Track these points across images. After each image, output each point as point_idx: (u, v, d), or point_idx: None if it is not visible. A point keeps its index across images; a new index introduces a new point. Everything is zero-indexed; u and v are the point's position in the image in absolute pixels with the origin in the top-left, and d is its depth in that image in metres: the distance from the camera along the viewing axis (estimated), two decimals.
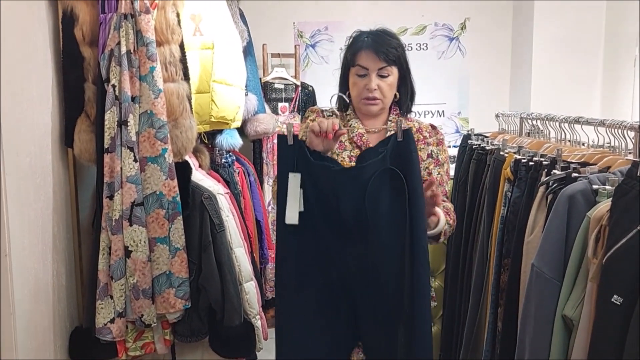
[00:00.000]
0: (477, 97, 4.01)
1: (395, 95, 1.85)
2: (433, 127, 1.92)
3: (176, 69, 2.05)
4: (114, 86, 1.93)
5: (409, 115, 1.92)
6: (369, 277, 1.66)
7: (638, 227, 1.25)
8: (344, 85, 1.88)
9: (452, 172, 2.41)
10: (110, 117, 1.93)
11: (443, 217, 1.74)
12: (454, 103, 4.08)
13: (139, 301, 1.99)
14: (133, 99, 1.96)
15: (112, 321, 1.97)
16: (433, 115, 4.05)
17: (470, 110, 4.06)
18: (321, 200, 1.66)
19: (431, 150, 1.86)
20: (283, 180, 1.66)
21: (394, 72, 1.80)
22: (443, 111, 4.07)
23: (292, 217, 1.64)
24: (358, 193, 1.62)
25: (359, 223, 1.64)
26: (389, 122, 1.85)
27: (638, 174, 1.29)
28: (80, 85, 2.01)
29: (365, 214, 1.62)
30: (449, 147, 3.68)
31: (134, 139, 1.96)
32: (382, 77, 1.78)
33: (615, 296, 1.28)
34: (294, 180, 1.64)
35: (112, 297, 1.98)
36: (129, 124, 1.94)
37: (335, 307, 1.70)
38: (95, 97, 1.99)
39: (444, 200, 1.84)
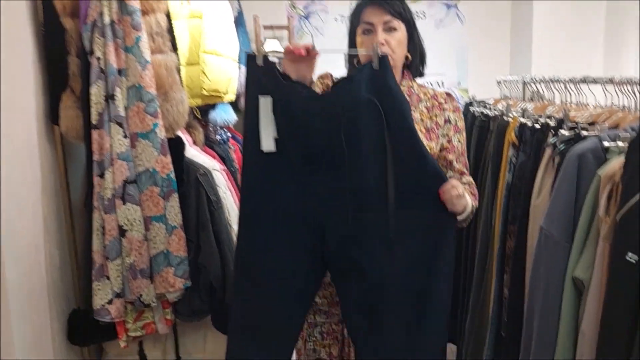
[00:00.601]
0: (476, 66, 3.93)
1: (407, 57, 1.77)
2: (449, 94, 1.83)
3: (163, 40, 1.97)
4: (98, 59, 1.85)
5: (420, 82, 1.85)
6: (347, 216, 1.57)
7: None
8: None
9: None
10: (97, 92, 1.87)
11: (470, 202, 1.63)
12: (453, 73, 3.99)
13: (137, 281, 1.94)
14: (119, 71, 1.89)
15: (110, 302, 1.92)
16: (432, 86, 3.96)
17: (469, 80, 3.98)
18: (292, 130, 1.55)
19: (448, 116, 1.77)
20: (252, 105, 1.55)
21: (401, 28, 1.71)
22: (442, 82, 3.99)
23: (268, 144, 1.54)
24: (332, 124, 1.52)
25: (335, 157, 1.54)
26: (402, 86, 1.77)
27: None
28: (63, 59, 1.94)
29: (341, 147, 1.52)
30: None
31: (122, 114, 1.89)
32: (389, 31, 1.69)
33: (629, 254, 1.22)
34: (265, 104, 1.53)
35: (108, 278, 1.93)
36: (116, 98, 1.87)
37: (303, 243, 1.61)
38: (80, 71, 1.92)
39: (463, 172, 1.77)
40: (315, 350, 1.90)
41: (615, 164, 1.37)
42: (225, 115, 2.64)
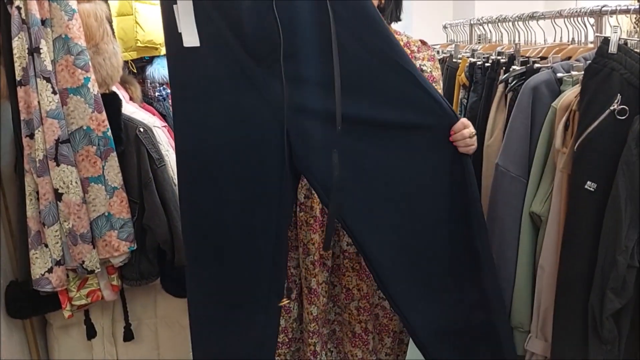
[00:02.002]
0: (420, 16, 3.87)
1: (380, 0, 1.67)
2: (423, 42, 1.74)
3: None
4: (18, 8, 1.70)
5: (395, 28, 1.75)
6: (302, 102, 1.39)
7: (611, 107, 1.16)
8: None
9: None
10: (19, 45, 1.71)
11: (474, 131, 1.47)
12: (397, 24, 3.92)
13: (78, 247, 1.83)
14: (43, 22, 1.74)
15: (50, 271, 1.81)
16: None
17: (414, 31, 3.92)
18: (219, 13, 1.35)
19: (420, 65, 1.67)
20: (168, 8, 1.36)
21: None
22: None
23: (190, 37, 1.35)
24: (267, 12, 1.33)
25: (270, 39, 1.35)
26: None
27: (609, 51, 1.19)
28: None
29: (276, 26, 1.33)
30: None
31: (49, 68, 1.74)
32: None
33: (588, 182, 1.21)
34: (185, 6, 1.33)
35: (47, 246, 1.81)
36: (41, 51, 1.72)
37: (263, 158, 1.44)
38: None
39: None
40: None
41: (570, 94, 1.35)
42: (163, 71, 2.49)
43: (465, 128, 1.41)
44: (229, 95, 1.40)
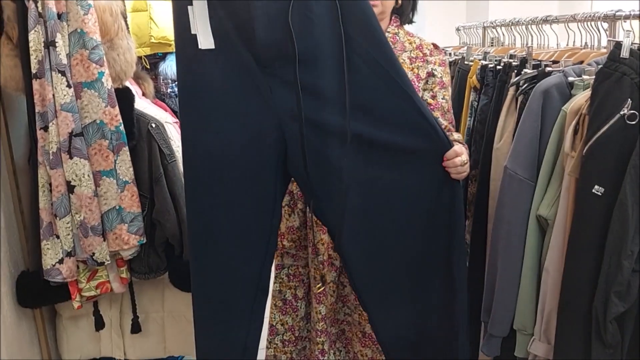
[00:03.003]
0: (433, 18, 3.87)
1: (397, 1, 1.67)
2: (435, 46, 1.74)
3: None
4: (35, 1, 1.71)
5: (408, 30, 1.76)
6: (306, 113, 1.39)
7: (621, 112, 1.16)
8: None
9: None
10: (35, 38, 1.73)
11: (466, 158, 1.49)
12: (410, 26, 3.92)
13: (89, 239, 1.85)
14: (59, 16, 1.75)
15: (60, 261, 1.83)
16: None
17: (427, 33, 3.92)
18: (231, 19, 1.35)
19: (432, 69, 1.68)
20: (182, 10, 1.35)
21: None
22: None
23: (206, 39, 1.33)
24: (278, 9, 1.32)
25: (282, 46, 1.34)
26: (387, 33, 1.65)
27: (621, 56, 1.19)
28: None
29: (290, 34, 1.32)
30: None
31: (64, 61, 1.76)
32: None
33: (596, 187, 1.21)
34: (201, 7, 1.32)
35: (58, 237, 1.84)
36: (57, 44, 1.74)
37: (261, 167, 1.46)
38: (16, 16, 1.77)
39: (450, 129, 1.68)
40: (281, 292, 1.89)
41: (581, 98, 1.35)
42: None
43: (457, 156, 1.42)
44: (234, 98, 1.40)
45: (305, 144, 1.40)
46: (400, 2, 1.68)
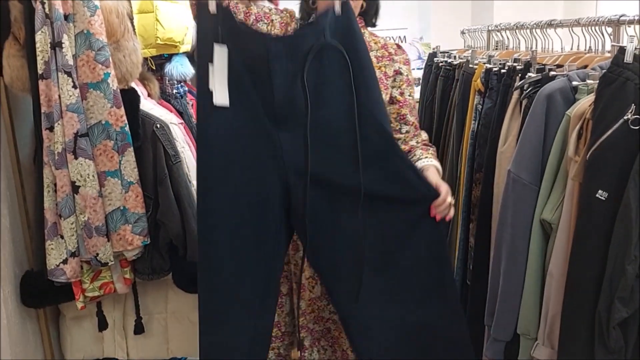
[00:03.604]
0: (438, 19, 3.86)
1: (362, 5, 1.70)
2: (399, 46, 1.80)
3: None
4: (42, 2, 1.73)
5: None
6: (312, 168, 1.49)
7: (625, 117, 1.16)
8: None
9: (416, 95, 2.33)
10: (42, 39, 1.74)
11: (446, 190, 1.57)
12: (415, 27, 3.93)
13: (93, 239, 1.85)
14: (66, 17, 1.77)
15: (64, 262, 1.84)
16: (394, 41, 3.89)
17: (432, 35, 3.92)
18: (252, 79, 1.47)
19: (399, 68, 1.73)
20: (205, 55, 1.44)
21: None
22: (404, 37, 3.93)
23: (221, 97, 1.44)
24: (294, 68, 1.45)
25: (297, 104, 1.47)
26: None
27: (625, 61, 1.19)
28: (4, 3, 1.79)
29: (304, 93, 1.45)
30: (413, 69, 3.56)
31: (71, 62, 1.78)
32: None
33: (599, 191, 1.21)
34: (221, 53, 1.43)
35: (62, 237, 1.85)
36: (63, 45, 1.76)
37: (268, 206, 1.54)
38: (23, 17, 1.78)
39: (417, 126, 1.74)
40: None
41: (585, 102, 1.35)
42: (181, 68, 2.52)
43: (443, 203, 1.51)
44: (247, 151, 1.50)
45: (308, 198, 1.49)
46: (364, 5, 1.72)
